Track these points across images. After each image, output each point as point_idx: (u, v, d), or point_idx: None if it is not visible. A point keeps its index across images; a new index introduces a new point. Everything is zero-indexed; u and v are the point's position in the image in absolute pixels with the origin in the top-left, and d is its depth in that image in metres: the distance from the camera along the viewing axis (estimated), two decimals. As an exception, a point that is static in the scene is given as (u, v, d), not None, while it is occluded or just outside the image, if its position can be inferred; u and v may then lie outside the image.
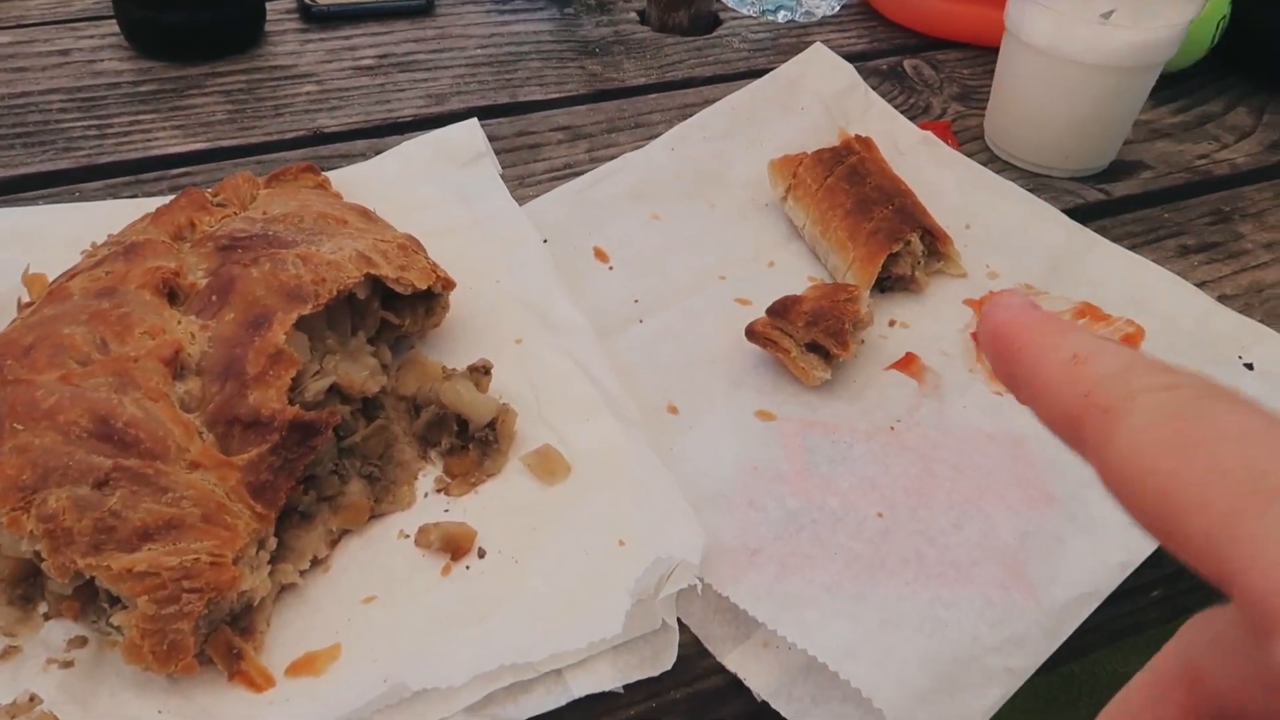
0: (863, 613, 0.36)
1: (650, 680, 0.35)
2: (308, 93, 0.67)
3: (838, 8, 0.82)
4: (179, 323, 0.40)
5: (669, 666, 0.35)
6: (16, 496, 0.34)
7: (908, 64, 0.75)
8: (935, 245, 0.55)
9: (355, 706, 0.33)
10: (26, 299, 0.45)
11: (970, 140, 0.67)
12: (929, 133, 0.64)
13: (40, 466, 0.35)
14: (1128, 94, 0.60)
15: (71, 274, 0.44)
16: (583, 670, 0.35)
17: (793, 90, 0.65)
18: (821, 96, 0.65)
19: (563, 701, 0.34)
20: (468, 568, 0.38)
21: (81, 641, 0.35)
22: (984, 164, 0.63)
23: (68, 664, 0.34)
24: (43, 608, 0.36)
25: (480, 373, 0.44)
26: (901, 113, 0.66)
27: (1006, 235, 0.57)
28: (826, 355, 0.47)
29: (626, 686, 0.35)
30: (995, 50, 0.71)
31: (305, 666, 0.35)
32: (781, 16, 0.80)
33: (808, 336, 0.46)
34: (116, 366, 0.38)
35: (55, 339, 0.38)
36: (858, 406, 0.46)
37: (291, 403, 0.38)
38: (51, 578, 0.35)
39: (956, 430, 0.45)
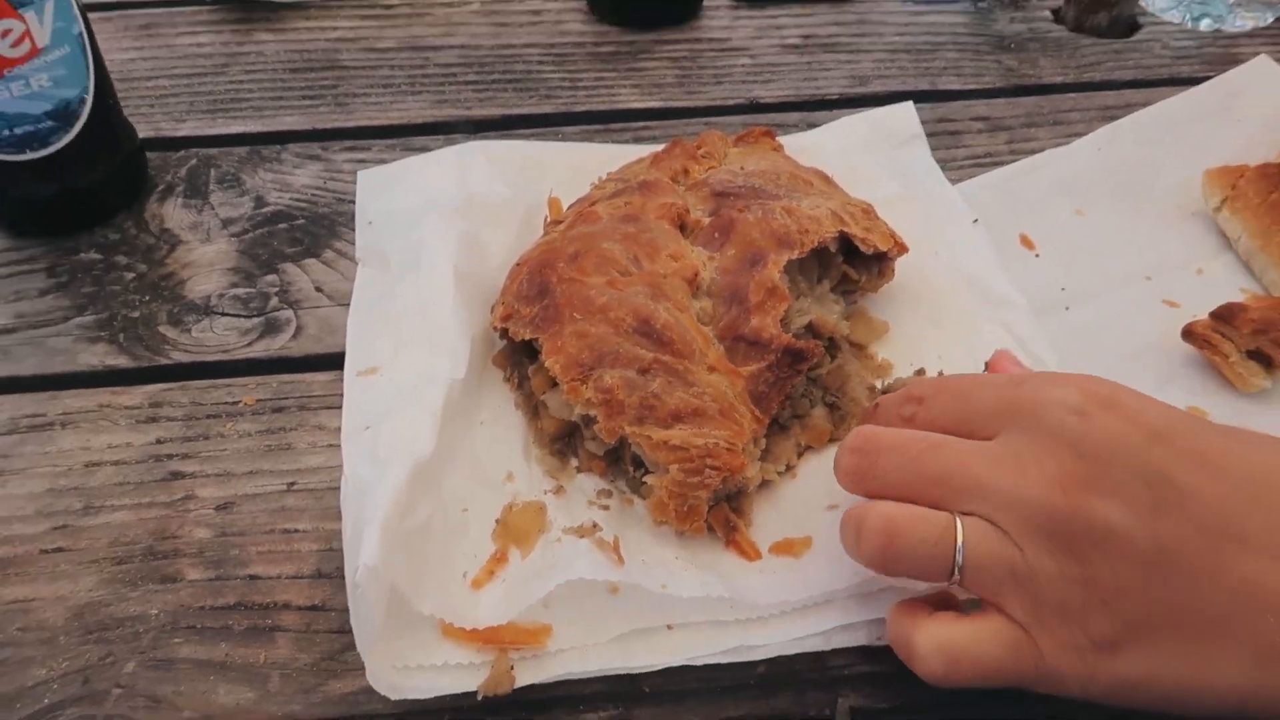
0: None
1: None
2: (743, 65, 0.74)
3: (1270, 19, 0.78)
4: (693, 251, 0.48)
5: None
6: (577, 370, 0.43)
7: (1352, 85, 0.71)
8: (1388, 275, 0.53)
9: (835, 587, 0.39)
10: (550, 218, 0.55)
11: None
12: (1382, 160, 0.61)
13: (596, 350, 0.43)
14: None
15: (591, 201, 0.53)
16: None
17: (1232, 102, 0.64)
18: (1263, 111, 0.63)
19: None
20: (918, 497, 0.43)
21: (607, 494, 0.44)
22: None
23: (604, 507, 0.43)
24: (574, 462, 0.45)
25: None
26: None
27: None
28: (1268, 365, 0.48)
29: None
30: None
31: (785, 549, 0.41)
32: (1205, 25, 0.78)
33: (1253, 344, 0.47)
34: (650, 279, 0.46)
35: (597, 251, 0.47)
36: (1296, 420, 0.47)
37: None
38: (590, 439, 0.44)
39: None
